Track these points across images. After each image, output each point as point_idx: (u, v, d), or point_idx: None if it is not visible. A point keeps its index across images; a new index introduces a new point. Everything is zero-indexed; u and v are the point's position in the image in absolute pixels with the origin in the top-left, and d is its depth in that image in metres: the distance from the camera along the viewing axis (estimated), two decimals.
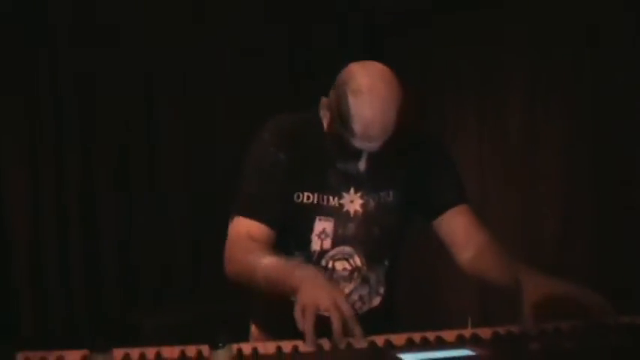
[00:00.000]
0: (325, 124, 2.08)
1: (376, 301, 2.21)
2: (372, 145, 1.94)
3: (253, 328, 2.30)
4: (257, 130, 2.15)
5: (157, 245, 4.42)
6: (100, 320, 4.16)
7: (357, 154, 1.97)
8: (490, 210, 4.06)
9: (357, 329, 1.72)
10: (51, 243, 4.19)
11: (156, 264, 4.42)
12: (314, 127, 2.11)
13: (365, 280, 2.17)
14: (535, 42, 4.10)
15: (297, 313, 1.74)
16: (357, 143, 1.94)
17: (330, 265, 2.13)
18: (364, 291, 2.18)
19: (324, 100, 2.06)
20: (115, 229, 4.35)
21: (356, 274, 2.15)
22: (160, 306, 4.25)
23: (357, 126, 1.91)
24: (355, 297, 2.17)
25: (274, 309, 1.97)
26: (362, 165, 1.98)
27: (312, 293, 1.77)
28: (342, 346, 1.70)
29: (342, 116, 1.93)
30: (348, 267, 2.15)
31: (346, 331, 1.72)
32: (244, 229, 2.06)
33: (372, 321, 2.05)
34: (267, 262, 1.95)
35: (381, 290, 2.22)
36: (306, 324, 1.70)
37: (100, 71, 4.28)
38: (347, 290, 2.14)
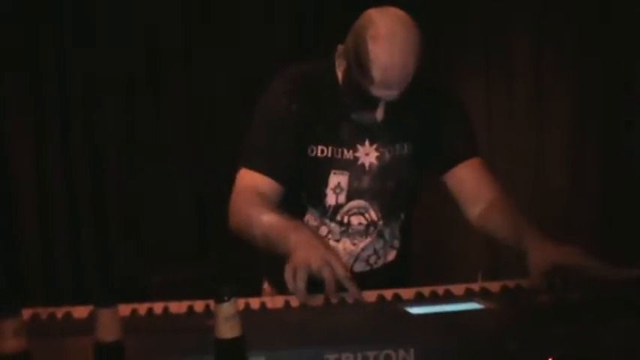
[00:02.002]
0: (340, 74, 2.03)
1: (391, 255, 2.19)
2: (391, 93, 1.89)
3: (266, 285, 2.28)
4: (268, 81, 2.10)
5: (163, 201, 4.40)
6: (107, 277, 4.17)
7: (374, 103, 1.92)
8: (498, 162, 4.04)
9: (351, 286, 1.71)
10: (58, 202, 4.18)
11: (161, 220, 4.41)
12: (327, 78, 2.06)
13: (380, 235, 2.15)
14: None
15: (287, 274, 1.73)
16: (376, 91, 1.89)
17: (345, 219, 2.10)
18: (379, 245, 2.15)
19: (339, 48, 2.00)
20: (121, 186, 4.33)
21: (372, 228, 2.12)
22: (167, 262, 4.25)
23: (376, 72, 1.85)
24: (370, 251, 2.15)
25: (283, 264, 1.96)
26: (379, 114, 1.93)
27: (304, 254, 1.76)
28: (335, 301, 1.69)
29: (360, 63, 1.87)
30: (364, 221, 2.11)
31: (340, 289, 1.71)
32: (251, 181, 2.03)
33: (387, 275, 2.05)
34: (267, 220, 1.92)
35: (396, 244, 2.20)
36: (297, 283, 1.69)
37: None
38: (362, 245, 2.12)
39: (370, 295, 1.72)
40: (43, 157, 4.15)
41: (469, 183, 2.14)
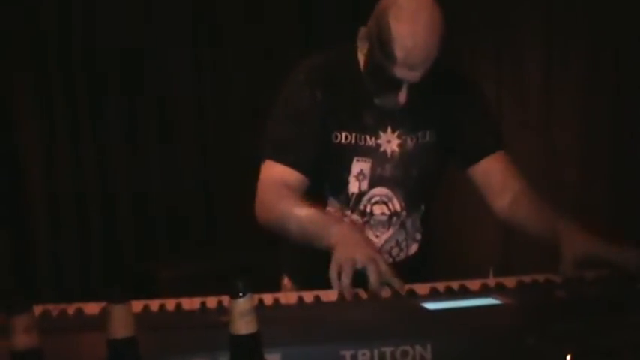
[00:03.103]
0: (362, 57, 2.02)
1: (413, 248, 2.18)
2: (414, 74, 1.88)
3: (286, 280, 2.27)
4: (289, 72, 2.09)
5: (172, 196, 4.40)
6: (117, 272, 4.17)
7: (396, 85, 1.90)
8: (509, 155, 4.01)
9: (396, 280, 1.70)
10: (67, 199, 4.18)
11: (171, 215, 4.41)
12: (349, 65, 2.05)
13: (402, 226, 2.13)
14: None
15: (332, 271, 1.71)
16: (399, 72, 1.87)
17: (368, 209, 2.08)
18: (401, 237, 2.14)
19: (362, 30, 1.99)
20: (130, 180, 4.32)
21: (395, 219, 2.10)
22: (177, 257, 4.24)
23: (399, 52, 1.84)
24: (392, 243, 2.13)
25: (307, 260, 1.94)
26: (402, 97, 1.91)
27: (349, 250, 1.74)
28: (382, 295, 1.67)
29: (383, 43, 1.86)
30: (387, 211, 2.10)
31: (383, 284, 1.70)
32: (277, 174, 2.01)
33: (409, 269, 2.03)
34: (303, 214, 1.91)
35: (418, 237, 2.18)
36: (344, 280, 1.68)
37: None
38: (385, 237, 2.10)
39: (385, 291, 1.70)
40: (53, 155, 4.15)
41: (495, 176, 2.13)
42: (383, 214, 2.09)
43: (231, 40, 4.43)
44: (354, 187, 2.06)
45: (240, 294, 1.11)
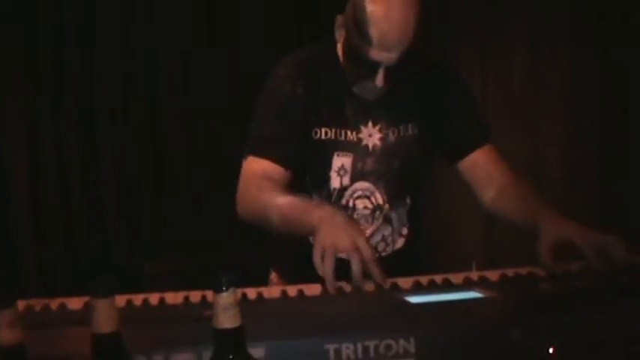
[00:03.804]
0: (340, 46, 2.03)
1: (400, 242, 2.17)
2: (389, 56, 1.88)
3: (273, 275, 2.26)
4: (271, 67, 2.09)
5: (157, 191, 4.39)
6: (103, 266, 4.16)
7: (373, 68, 1.90)
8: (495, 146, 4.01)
9: (377, 271, 1.69)
10: (51, 192, 4.16)
11: (156, 210, 4.40)
12: (330, 59, 2.06)
13: (387, 220, 2.13)
14: None
15: (316, 256, 1.70)
16: (374, 54, 1.87)
17: (350, 203, 2.08)
18: (387, 231, 2.14)
19: (339, 17, 2.00)
20: (116, 175, 4.31)
21: (377, 212, 2.10)
22: (162, 252, 4.23)
23: (374, 32, 1.84)
24: (378, 238, 2.13)
25: (294, 255, 1.94)
26: (379, 80, 1.91)
27: (331, 234, 1.74)
28: (364, 288, 1.67)
29: (358, 24, 1.87)
30: (370, 205, 2.10)
31: (366, 274, 1.69)
32: (259, 169, 2.01)
33: (396, 264, 2.03)
34: (283, 201, 1.91)
35: (404, 231, 2.18)
36: (325, 267, 1.67)
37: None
38: (369, 231, 2.10)
39: (369, 284, 1.70)
40: (37, 147, 4.12)
41: (482, 169, 2.14)
42: (365, 207, 2.09)
43: (224, 40, 4.42)
44: (335, 182, 2.07)
45: (224, 288, 1.11)
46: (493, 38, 4.27)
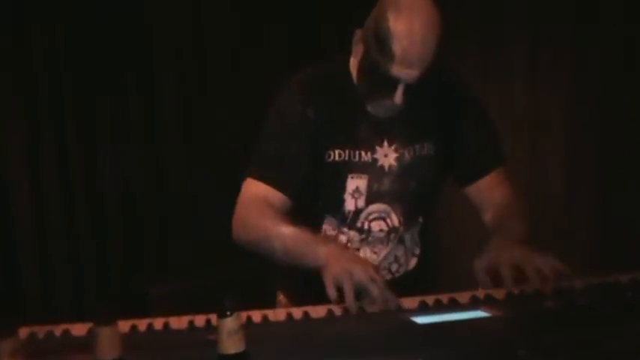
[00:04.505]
0: (356, 63, 1.98)
1: (412, 262, 2.14)
2: (411, 73, 1.84)
3: (281, 297, 2.23)
4: (282, 85, 2.04)
5: (161, 213, 4.38)
6: (106, 290, 4.14)
7: (393, 85, 1.86)
8: (505, 166, 4.01)
9: (392, 299, 1.70)
10: (54, 216, 4.14)
11: (160, 232, 4.39)
12: (342, 78, 2.02)
13: (401, 241, 2.10)
14: None
15: (329, 287, 1.70)
16: (396, 70, 1.83)
17: (365, 225, 2.05)
18: (400, 252, 2.11)
19: (358, 32, 1.96)
20: (119, 198, 4.30)
21: (392, 235, 2.07)
22: (166, 275, 4.22)
23: (397, 47, 1.81)
24: (391, 259, 2.10)
25: (301, 277, 1.91)
26: (398, 98, 1.87)
27: (344, 265, 1.73)
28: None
29: (380, 40, 1.83)
30: (385, 227, 2.06)
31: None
32: (258, 192, 1.97)
33: (409, 284, 2.01)
34: (287, 232, 1.88)
35: (417, 251, 2.15)
36: (347, 295, 1.67)
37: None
38: (384, 253, 2.08)
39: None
40: (39, 166, 4.11)
41: (486, 192, 2.13)
42: (381, 230, 2.06)
43: (221, 42, 4.43)
44: (350, 204, 2.03)
45: (228, 313, 1.11)
46: (494, 54, 4.27)
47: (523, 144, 4.14)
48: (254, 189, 1.98)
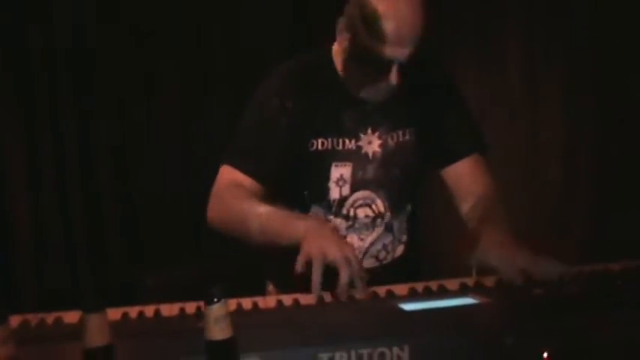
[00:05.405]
0: (341, 53, 1.98)
1: (400, 250, 2.16)
2: (403, 52, 1.84)
3: (270, 287, 2.24)
4: (264, 76, 2.06)
5: (157, 203, 4.38)
6: (102, 280, 4.15)
7: (387, 67, 1.86)
8: (492, 158, 4.02)
9: (362, 285, 1.70)
10: (50, 205, 4.14)
11: (156, 222, 4.39)
12: (325, 68, 2.03)
13: (388, 229, 2.11)
14: None
15: (299, 262, 1.70)
16: (388, 50, 1.83)
17: (351, 212, 2.06)
18: (387, 240, 2.12)
19: (341, 21, 1.95)
20: (115, 188, 4.30)
21: (379, 220, 2.09)
22: (162, 264, 4.22)
23: (387, 27, 1.81)
24: (379, 246, 2.11)
25: (290, 266, 1.93)
26: (393, 78, 1.87)
27: (320, 243, 1.73)
28: (344, 298, 1.68)
29: (368, 23, 1.83)
30: (371, 213, 2.08)
31: (351, 286, 1.70)
32: (234, 178, 1.99)
33: (396, 272, 2.02)
34: (263, 210, 1.89)
35: (404, 238, 2.16)
36: (314, 277, 1.67)
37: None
38: (370, 240, 2.09)
39: (360, 293, 1.71)
40: (36, 162, 4.12)
41: (464, 180, 2.13)
42: (367, 216, 2.07)
43: (218, 41, 4.42)
44: (335, 192, 2.04)
45: (215, 300, 1.12)
46: (490, 43, 4.27)
47: (521, 133, 4.15)
48: (230, 175, 2.00)
